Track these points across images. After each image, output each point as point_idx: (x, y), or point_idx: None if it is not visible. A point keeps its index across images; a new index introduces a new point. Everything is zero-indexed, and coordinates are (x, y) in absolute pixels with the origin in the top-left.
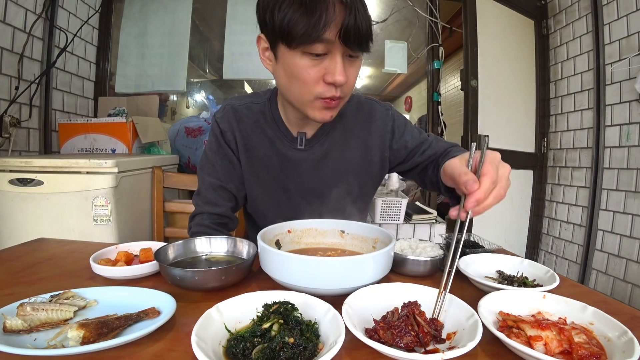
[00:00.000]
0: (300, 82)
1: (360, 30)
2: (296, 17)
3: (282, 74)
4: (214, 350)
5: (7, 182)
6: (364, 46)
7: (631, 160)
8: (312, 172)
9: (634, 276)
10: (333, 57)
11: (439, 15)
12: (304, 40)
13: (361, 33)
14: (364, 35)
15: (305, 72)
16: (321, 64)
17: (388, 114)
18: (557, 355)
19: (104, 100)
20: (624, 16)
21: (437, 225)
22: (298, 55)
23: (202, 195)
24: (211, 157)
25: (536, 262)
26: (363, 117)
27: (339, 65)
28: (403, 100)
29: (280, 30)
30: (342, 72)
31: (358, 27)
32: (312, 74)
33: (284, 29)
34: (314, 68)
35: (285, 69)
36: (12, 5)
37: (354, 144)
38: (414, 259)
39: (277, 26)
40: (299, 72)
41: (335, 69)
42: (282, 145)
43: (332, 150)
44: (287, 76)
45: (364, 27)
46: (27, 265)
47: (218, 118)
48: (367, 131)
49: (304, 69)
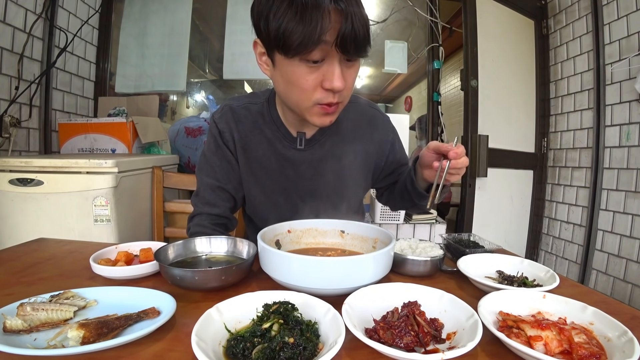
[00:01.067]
0: (298, 89)
1: (357, 37)
2: (292, 26)
3: (280, 80)
4: (214, 350)
5: (7, 182)
6: (361, 52)
7: (631, 160)
8: (312, 173)
9: (634, 276)
10: (330, 63)
11: (439, 15)
12: (301, 49)
13: (358, 39)
14: (361, 41)
15: (302, 79)
16: (318, 70)
17: (389, 125)
18: (557, 355)
19: (104, 100)
20: (624, 16)
21: (437, 225)
22: (295, 63)
23: (200, 196)
24: (209, 158)
25: (536, 262)
26: (365, 122)
27: (337, 72)
28: (403, 100)
29: (276, 38)
30: (340, 79)
31: (355, 33)
32: (310, 80)
33: (279, 37)
34: (312, 75)
35: (283, 76)
36: (12, 5)
37: (355, 147)
38: (414, 259)
39: (273, 35)
40: (297, 80)
41: (333, 76)
42: (281, 146)
43: (333, 151)
44: (285, 83)
45: (361, 33)
46: (27, 265)
47: (216, 119)
48: (368, 137)
49: (302, 76)
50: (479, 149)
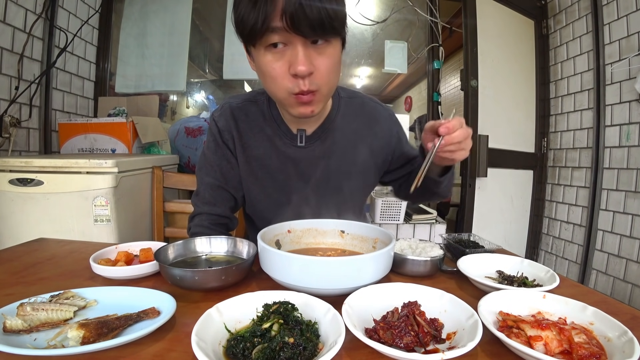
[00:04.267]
0: (270, 79)
1: (308, 15)
2: (247, 12)
3: (258, 73)
4: (214, 350)
5: (7, 182)
6: (322, 31)
7: (631, 160)
8: (313, 170)
9: (634, 276)
10: (293, 47)
11: (439, 15)
12: (254, 34)
13: (310, 17)
14: (315, 19)
15: (270, 68)
16: (283, 57)
17: (392, 119)
18: (557, 355)
19: (104, 100)
20: (624, 16)
21: (437, 225)
22: (262, 52)
23: (200, 196)
24: (209, 157)
25: (536, 262)
26: (367, 118)
27: (300, 55)
28: (403, 100)
29: (239, 29)
30: (303, 62)
31: (304, 11)
32: (277, 68)
33: (240, 27)
34: (278, 62)
35: (258, 68)
36: (12, 5)
37: (359, 144)
38: (414, 259)
39: (236, 26)
40: (266, 69)
41: (296, 59)
42: (281, 143)
43: (335, 148)
44: (261, 75)
45: (314, 11)
46: (27, 265)
47: (216, 117)
48: (372, 133)
49: (269, 64)
50: (479, 149)
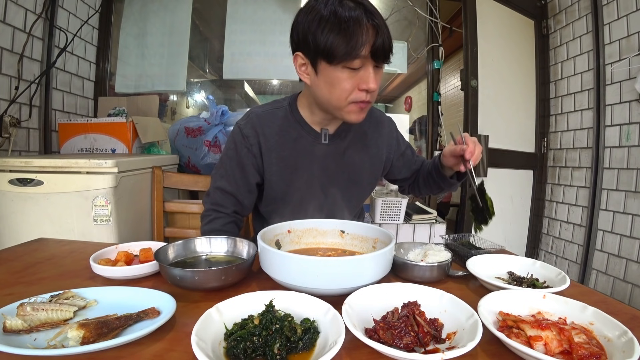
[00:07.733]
0: (339, 91)
1: (385, 47)
2: (337, 41)
3: (323, 85)
4: (214, 350)
5: (7, 182)
6: (388, 59)
7: (631, 160)
8: (336, 164)
9: (634, 276)
10: (366, 69)
11: (439, 15)
12: (345, 58)
13: (386, 49)
14: (388, 51)
15: (345, 83)
16: (357, 75)
17: (392, 123)
18: (557, 355)
19: (104, 100)
20: (624, 16)
21: (437, 225)
22: (339, 70)
23: (211, 197)
24: (225, 162)
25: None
26: (374, 121)
27: (372, 76)
28: (403, 100)
29: (323, 50)
30: (374, 81)
31: (384, 45)
32: (350, 83)
33: (326, 50)
34: (352, 79)
35: (326, 81)
36: (12, 5)
37: (370, 143)
38: (421, 265)
39: (321, 48)
40: (340, 83)
41: (369, 79)
42: (306, 142)
43: (352, 145)
44: (328, 86)
45: (387, 44)
46: (27, 265)
47: (242, 125)
48: (378, 134)
49: (345, 80)
50: None
